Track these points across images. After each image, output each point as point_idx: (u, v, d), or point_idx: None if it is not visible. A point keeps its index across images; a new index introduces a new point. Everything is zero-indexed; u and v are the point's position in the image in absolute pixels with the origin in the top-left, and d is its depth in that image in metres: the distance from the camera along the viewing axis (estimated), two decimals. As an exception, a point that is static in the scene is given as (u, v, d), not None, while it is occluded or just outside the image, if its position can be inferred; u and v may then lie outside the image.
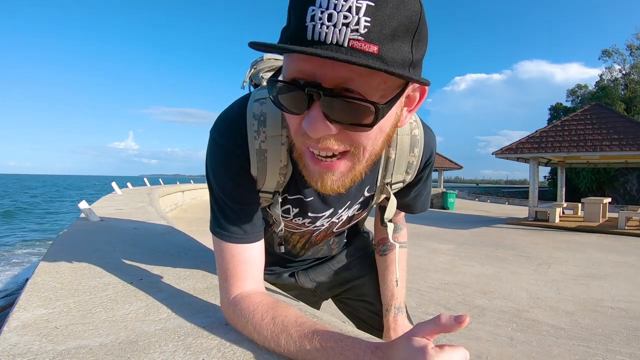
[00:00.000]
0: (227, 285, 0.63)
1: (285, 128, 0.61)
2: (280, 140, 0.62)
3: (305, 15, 0.40)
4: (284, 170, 0.65)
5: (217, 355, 0.55)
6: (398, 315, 0.93)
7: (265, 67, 0.85)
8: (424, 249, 6.11)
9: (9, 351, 0.54)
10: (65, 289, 0.82)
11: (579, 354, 2.54)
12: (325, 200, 0.73)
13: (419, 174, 0.76)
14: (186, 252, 1.26)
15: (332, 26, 0.39)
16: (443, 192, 15.10)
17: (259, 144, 0.61)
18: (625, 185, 24.57)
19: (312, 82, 0.43)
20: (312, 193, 0.70)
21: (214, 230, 0.65)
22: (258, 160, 0.62)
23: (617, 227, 8.96)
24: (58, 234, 1.65)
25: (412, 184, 0.77)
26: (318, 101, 0.43)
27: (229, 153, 0.62)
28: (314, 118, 0.44)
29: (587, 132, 9.76)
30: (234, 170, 0.63)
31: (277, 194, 0.69)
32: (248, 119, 0.61)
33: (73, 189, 54.22)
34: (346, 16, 0.39)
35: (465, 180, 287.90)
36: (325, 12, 0.39)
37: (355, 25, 0.39)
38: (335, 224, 0.81)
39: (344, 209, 0.77)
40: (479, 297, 3.76)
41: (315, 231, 0.83)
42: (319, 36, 0.39)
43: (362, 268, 1.05)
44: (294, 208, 0.73)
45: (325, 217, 0.76)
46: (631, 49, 28.62)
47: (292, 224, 0.77)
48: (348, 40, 0.39)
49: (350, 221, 0.85)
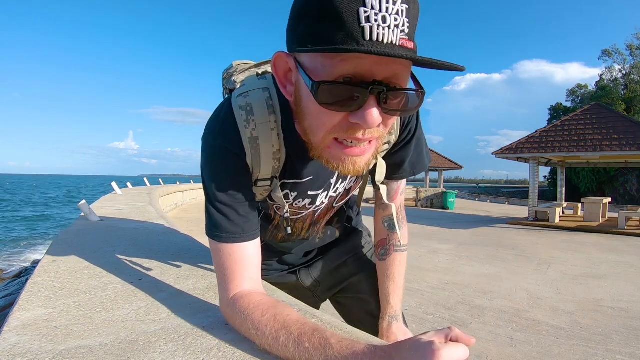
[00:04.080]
0: (226, 285, 0.64)
1: (273, 114, 0.65)
2: (269, 126, 0.64)
3: (359, 16, 0.44)
4: (278, 155, 0.67)
5: (217, 355, 0.55)
6: (393, 324, 0.94)
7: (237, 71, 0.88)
8: (424, 249, 6.11)
9: (9, 351, 0.54)
10: (65, 289, 0.82)
11: (579, 354, 2.54)
12: (321, 177, 0.74)
13: (403, 132, 0.76)
14: (186, 252, 1.26)
15: (387, 27, 0.44)
16: (443, 192, 15.09)
17: (250, 132, 0.64)
18: (625, 185, 24.57)
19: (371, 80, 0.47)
20: (309, 173, 0.72)
21: (210, 234, 0.65)
22: (252, 148, 0.64)
23: (617, 227, 8.95)
24: (58, 233, 1.65)
25: (398, 143, 0.78)
26: (374, 97, 0.48)
27: (224, 151, 0.63)
28: (372, 113, 0.48)
29: (587, 132, 9.76)
30: (230, 168, 0.64)
31: (275, 178, 0.71)
32: (236, 111, 0.63)
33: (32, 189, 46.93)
34: (396, 19, 0.44)
35: (465, 180, 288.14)
36: (380, 14, 0.44)
37: (402, 27, 0.45)
38: (334, 198, 0.83)
39: (340, 182, 0.79)
40: (479, 297, 3.76)
41: (317, 211, 0.85)
42: (377, 37, 0.44)
43: (358, 265, 1.06)
44: (292, 192, 0.75)
45: (322, 193, 0.78)
46: (631, 49, 28.62)
47: (294, 208, 0.79)
48: (399, 39, 0.45)
49: (348, 193, 0.87)
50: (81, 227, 1.74)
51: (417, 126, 0.77)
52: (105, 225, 1.89)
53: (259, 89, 0.66)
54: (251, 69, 0.88)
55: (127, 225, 1.94)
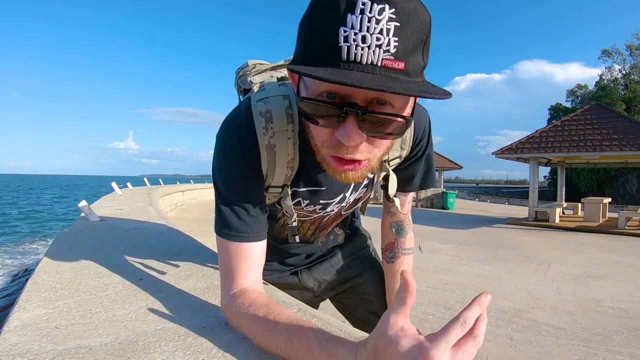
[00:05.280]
0: (228, 282, 0.64)
1: (291, 123, 0.64)
2: (287, 134, 0.64)
3: (337, 36, 0.42)
4: (292, 163, 0.67)
5: (217, 355, 0.55)
6: None
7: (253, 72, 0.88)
8: (424, 249, 6.10)
9: (9, 351, 0.54)
10: (65, 289, 0.82)
11: (579, 354, 2.54)
12: (334, 187, 0.75)
13: (415, 148, 0.77)
14: (186, 252, 1.26)
15: (366, 47, 0.42)
16: (443, 192, 15.10)
17: (268, 139, 0.64)
18: (625, 185, 24.56)
19: (348, 101, 0.46)
20: (322, 182, 0.73)
21: (219, 231, 0.66)
22: (268, 155, 0.64)
23: (617, 227, 8.95)
24: (58, 233, 1.65)
25: (409, 157, 0.79)
26: (352, 117, 0.47)
27: (239, 153, 0.64)
28: (350, 130, 0.47)
29: (587, 132, 9.76)
30: (243, 170, 0.65)
31: (286, 186, 0.71)
32: (255, 117, 0.63)
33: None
34: (378, 38, 0.42)
35: (465, 180, 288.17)
36: (359, 34, 0.41)
37: (387, 46, 0.42)
38: (343, 207, 0.84)
39: (351, 193, 0.80)
40: (479, 297, 3.75)
41: (326, 216, 0.85)
42: (354, 57, 0.42)
43: (362, 266, 1.06)
44: (305, 200, 0.76)
45: (335, 202, 0.79)
46: (631, 49, 28.61)
47: (304, 212, 0.80)
48: (381, 60, 0.42)
49: (357, 202, 0.88)
50: (81, 227, 1.74)
51: (429, 143, 0.79)
52: (105, 225, 1.89)
53: (279, 96, 0.65)
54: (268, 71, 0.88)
55: (127, 225, 1.94)
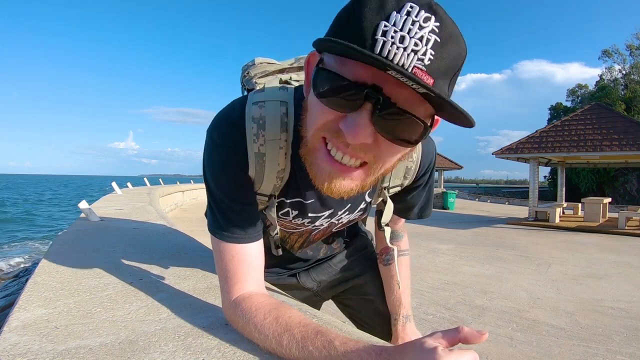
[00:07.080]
0: (228, 287, 0.62)
1: (285, 132, 0.61)
2: (279, 144, 0.62)
3: (377, 28, 0.40)
4: (282, 174, 0.65)
5: (217, 355, 0.55)
6: (407, 324, 0.94)
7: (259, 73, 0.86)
8: (424, 249, 6.11)
9: (9, 351, 0.54)
10: (65, 289, 0.82)
11: (579, 354, 2.54)
12: (326, 202, 0.73)
13: (418, 180, 0.77)
14: (186, 252, 1.26)
15: (402, 48, 0.40)
16: (443, 192, 15.09)
17: (258, 147, 0.61)
18: (625, 185, 24.56)
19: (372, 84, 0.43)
20: (313, 195, 0.70)
21: (212, 231, 0.64)
22: (256, 164, 0.62)
23: (617, 227, 8.95)
24: (58, 233, 1.65)
25: (410, 188, 0.78)
26: (368, 107, 0.44)
27: (228, 152, 0.61)
28: (360, 124, 0.44)
29: (587, 132, 9.76)
30: (233, 169, 0.62)
31: (273, 197, 0.69)
32: (247, 122, 0.61)
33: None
34: (416, 44, 0.40)
35: (465, 180, 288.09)
36: (399, 33, 0.40)
37: (422, 55, 0.40)
38: (334, 224, 0.82)
39: (344, 212, 0.77)
40: (479, 297, 3.75)
41: (314, 230, 0.83)
42: (387, 53, 0.40)
43: (363, 267, 1.06)
44: (294, 210, 0.73)
45: (324, 217, 0.76)
46: (631, 49, 28.61)
47: (292, 224, 0.78)
48: (413, 66, 0.40)
49: (350, 223, 0.86)
50: (81, 227, 1.74)
51: (431, 175, 0.79)
52: (105, 225, 1.89)
53: (276, 102, 0.62)
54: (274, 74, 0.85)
55: (127, 225, 1.94)
